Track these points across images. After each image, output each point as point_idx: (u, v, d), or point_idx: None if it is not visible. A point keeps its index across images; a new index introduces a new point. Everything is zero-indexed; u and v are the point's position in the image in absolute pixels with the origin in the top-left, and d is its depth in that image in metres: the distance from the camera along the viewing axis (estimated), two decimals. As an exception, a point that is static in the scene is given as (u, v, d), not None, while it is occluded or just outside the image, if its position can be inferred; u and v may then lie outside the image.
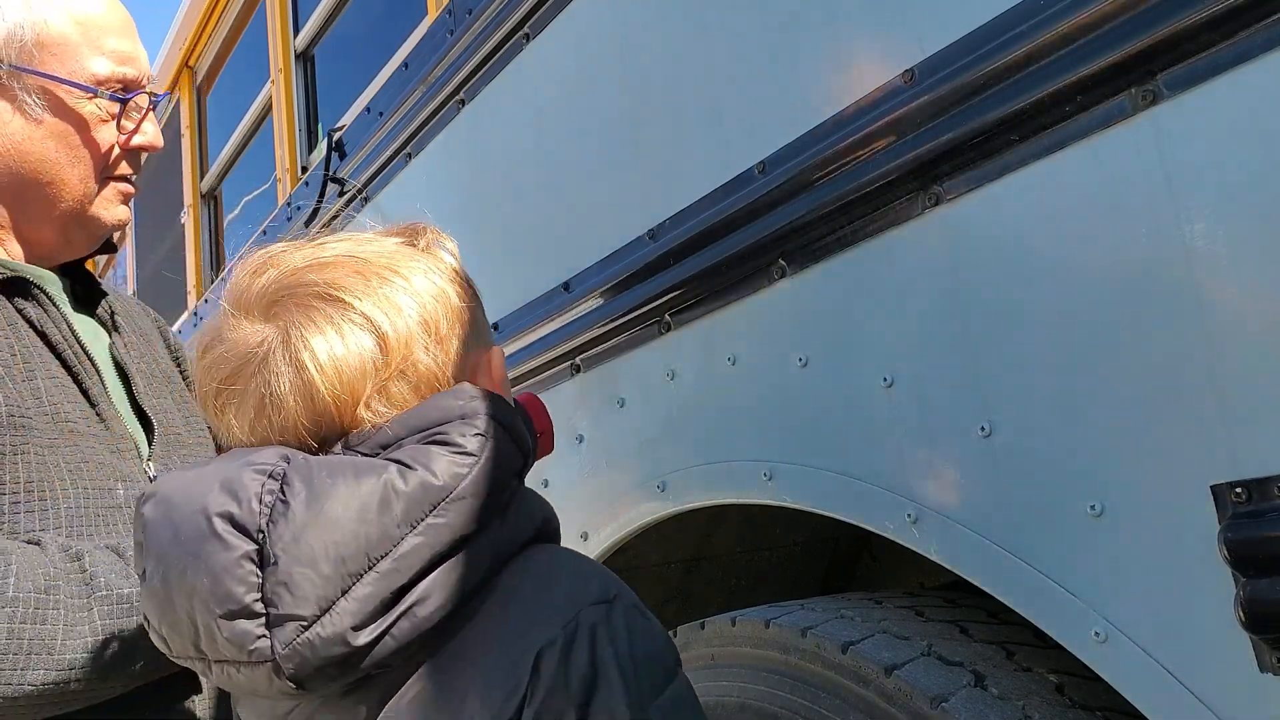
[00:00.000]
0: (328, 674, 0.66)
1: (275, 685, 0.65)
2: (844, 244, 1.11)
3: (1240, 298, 0.77)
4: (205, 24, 3.31)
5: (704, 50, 1.29)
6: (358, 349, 0.71)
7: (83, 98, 1.10)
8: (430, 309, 0.74)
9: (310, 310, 0.72)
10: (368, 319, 0.72)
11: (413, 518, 0.67)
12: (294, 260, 0.75)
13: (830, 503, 1.13)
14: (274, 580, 0.65)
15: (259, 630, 0.64)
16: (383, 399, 0.72)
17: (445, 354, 0.74)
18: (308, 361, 0.70)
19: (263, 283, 0.74)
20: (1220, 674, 0.79)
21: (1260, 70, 0.76)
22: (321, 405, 0.71)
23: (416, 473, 0.67)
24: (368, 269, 0.74)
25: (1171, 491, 0.82)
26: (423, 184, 1.99)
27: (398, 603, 0.66)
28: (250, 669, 0.66)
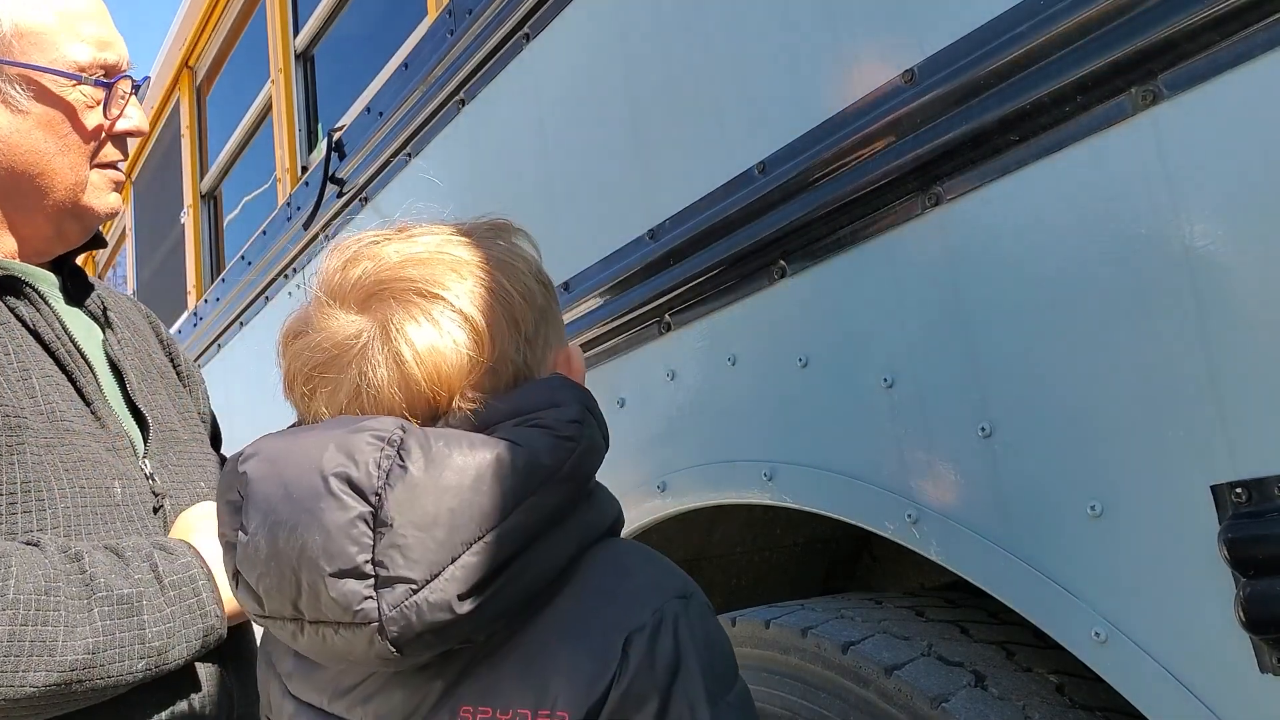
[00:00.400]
0: (426, 640, 0.67)
1: (374, 649, 0.66)
2: (844, 244, 1.11)
3: (1240, 298, 0.77)
4: (205, 24, 3.31)
5: (704, 50, 1.29)
6: (454, 344, 0.73)
7: (67, 85, 1.10)
8: (520, 307, 0.77)
9: (410, 305, 0.74)
10: (464, 316, 0.74)
11: (521, 493, 0.69)
12: (388, 254, 0.77)
13: (830, 503, 1.13)
14: (387, 543, 0.66)
15: (367, 591, 0.65)
16: (475, 392, 0.74)
17: (533, 351, 0.77)
18: (408, 355, 0.72)
19: (358, 274, 0.76)
20: (1220, 674, 0.79)
21: (1260, 70, 0.76)
22: (419, 395, 0.73)
23: (525, 450, 0.70)
24: (462, 267, 0.77)
25: (1171, 491, 0.82)
26: (422, 184, 1.99)
27: (499, 575, 0.68)
28: (350, 631, 0.66)
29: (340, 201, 2.32)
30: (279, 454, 0.70)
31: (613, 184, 1.46)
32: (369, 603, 0.66)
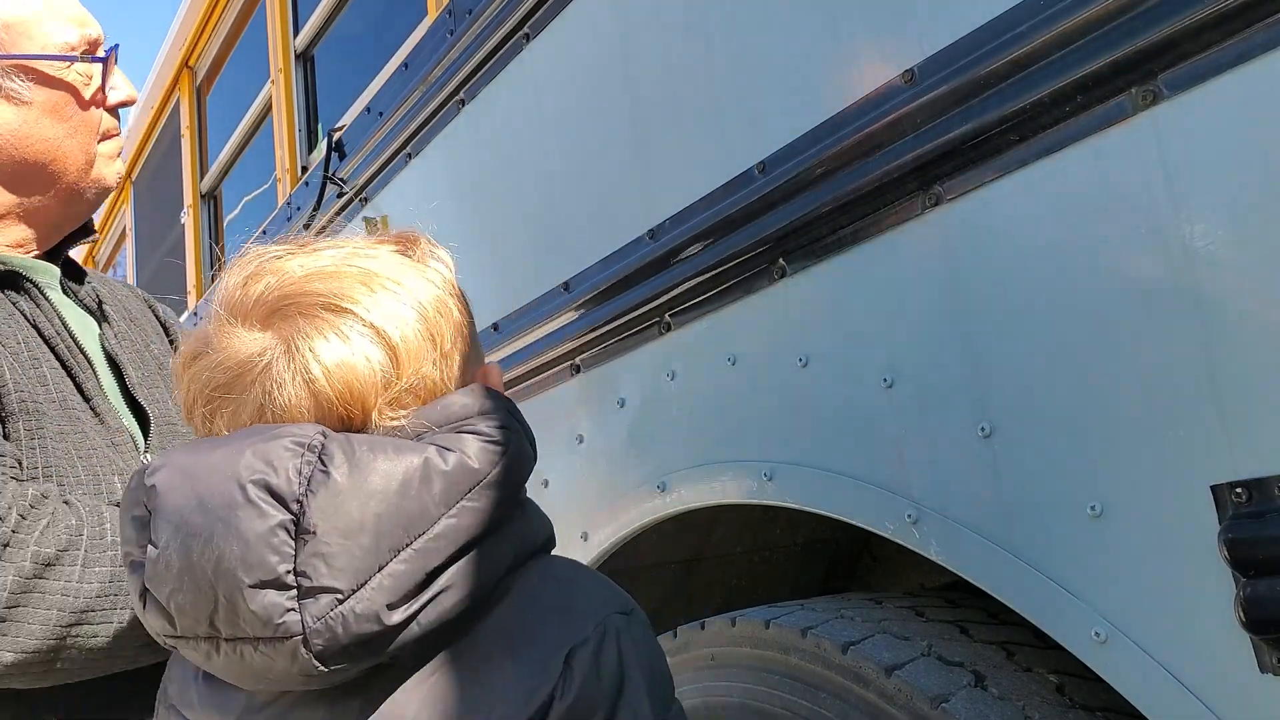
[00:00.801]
0: (352, 654, 0.64)
1: (297, 665, 0.63)
2: (844, 244, 1.11)
3: (1240, 298, 0.77)
4: (205, 24, 3.31)
5: (704, 50, 1.29)
6: (366, 360, 0.69)
7: (62, 67, 1.11)
8: (434, 322, 0.73)
9: (317, 320, 0.70)
10: (376, 331, 0.70)
11: (450, 499, 0.67)
12: (292, 268, 0.73)
13: (830, 503, 1.13)
14: (310, 552, 0.63)
15: (289, 603, 0.62)
16: (389, 411, 0.70)
17: (449, 367, 0.74)
18: (317, 372, 0.69)
19: (260, 290, 0.72)
20: (1220, 674, 0.79)
21: (1260, 70, 0.76)
22: (330, 414, 0.69)
23: (455, 454, 0.68)
24: (372, 280, 0.73)
25: (1171, 491, 0.82)
26: (422, 184, 1.99)
27: (428, 586, 0.66)
28: (271, 646, 0.63)
29: (340, 201, 2.32)
30: (190, 465, 0.66)
31: (613, 184, 1.46)
32: (291, 615, 0.62)
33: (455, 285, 0.79)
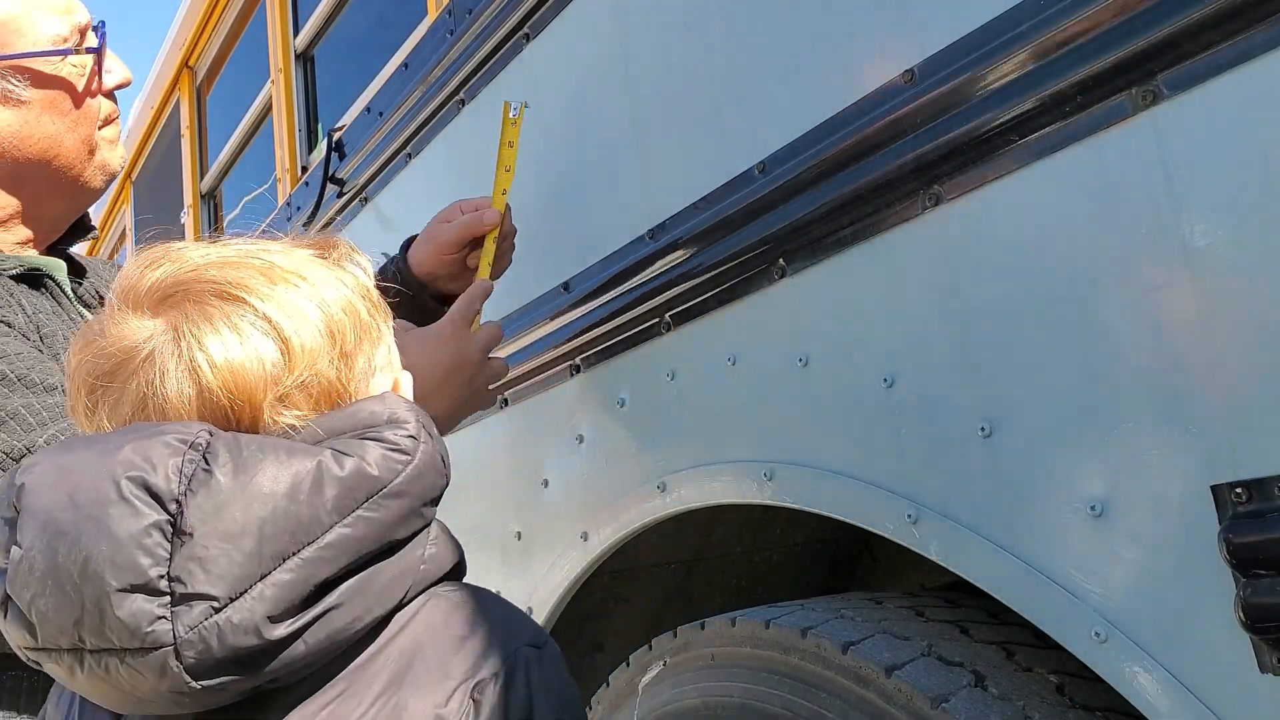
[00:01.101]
0: (228, 669, 0.59)
1: (166, 680, 0.58)
2: (844, 244, 1.11)
3: (1240, 298, 0.77)
4: (205, 24, 3.31)
5: (704, 50, 1.29)
6: (257, 354, 0.66)
7: (57, 62, 1.10)
8: (338, 320, 0.70)
9: (206, 308, 0.67)
10: (269, 321, 0.67)
11: (344, 506, 0.62)
12: (193, 256, 0.70)
13: (830, 503, 1.13)
14: (186, 555, 0.58)
15: (160, 610, 0.57)
16: (280, 409, 0.67)
17: (349, 369, 0.70)
18: (202, 363, 0.65)
19: (156, 276, 0.69)
20: (1220, 674, 0.79)
21: (1260, 70, 0.76)
22: (214, 409, 0.65)
23: (352, 459, 0.64)
24: (274, 271, 0.70)
25: (1171, 491, 0.82)
26: (423, 184, 1.99)
27: (317, 600, 0.61)
28: (138, 659, 0.58)
29: (340, 201, 2.32)
30: (64, 462, 0.62)
31: (613, 184, 1.46)
32: (162, 623, 0.57)
33: (371, 291, 0.77)
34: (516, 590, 1.63)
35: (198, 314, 0.66)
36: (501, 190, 1.43)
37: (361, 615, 0.64)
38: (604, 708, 1.45)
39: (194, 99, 3.62)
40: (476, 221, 1.42)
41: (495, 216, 1.41)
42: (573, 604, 1.62)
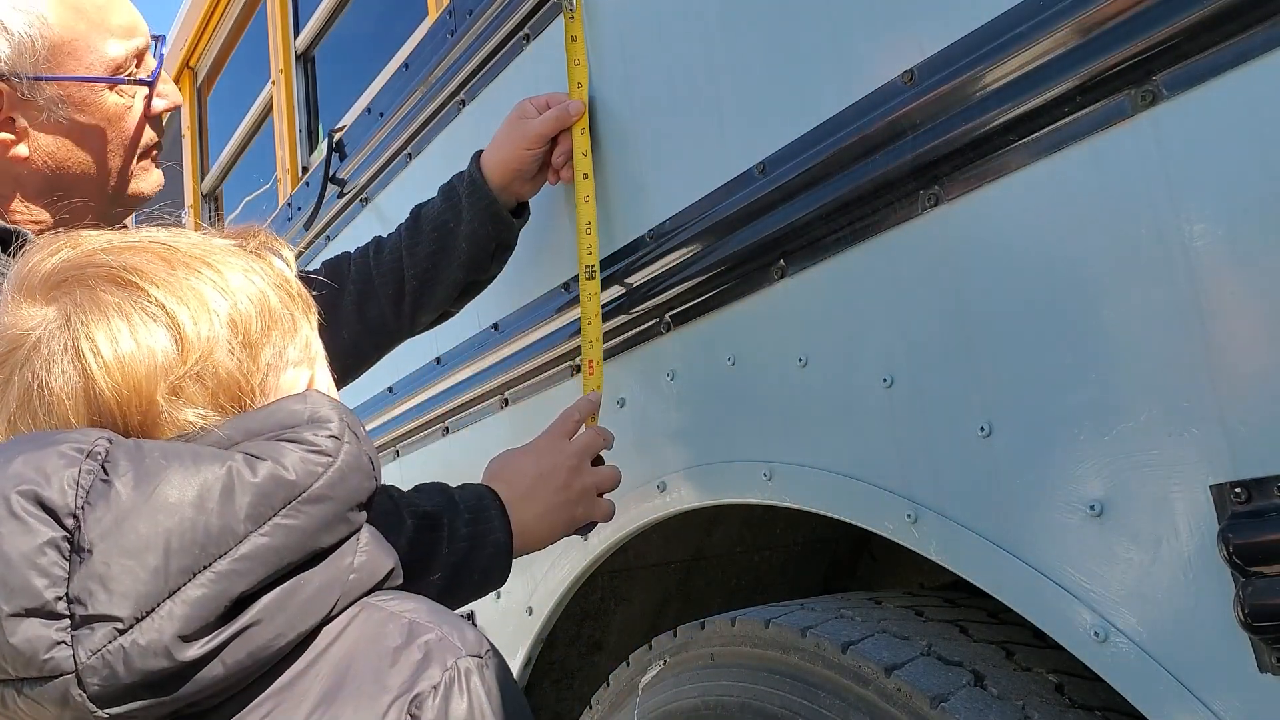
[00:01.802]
0: (137, 695, 0.55)
1: (70, 710, 0.54)
2: (844, 244, 1.11)
3: (1240, 298, 0.77)
4: (205, 24, 3.31)
5: (704, 50, 1.29)
6: (148, 342, 0.62)
7: (105, 90, 1.10)
8: (244, 310, 0.66)
9: (96, 294, 0.63)
10: (164, 309, 0.63)
11: (259, 514, 0.59)
12: (95, 242, 0.67)
13: (830, 503, 1.13)
14: (85, 574, 0.54)
15: (59, 635, 0.53)
16: (174, 402, 0.63)
17: (253, 361, 0.66)
18: (86, 350, 0.61)
19: (52, 263, 0.66)
20: (1220, 674, 0.79)
21: (1260, 70, 0.76)
22: (100, 404, 0.62)
23: (266, 464, 0.60)
24: (175, 256, 0.66)
25: (1171, 491, 0.82)
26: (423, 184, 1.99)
27: (235, 617, 0.58)
28: (36, 689, 0.54)
29: (341, 202, 2.32)
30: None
31: (612, 183, 1.46)
32: (61, 649, 0.53)
33: (290, 282, 0.73)
34: (517, 590, 1.63)
35: (87, 300, 0.63)
36: (577, 83, 1.46)
37: (285, 631, 0.60)
38: (604, 708, 1.45)
39: (194, 99, 3.62)
40: (564, 113, 1.44)
41: (580, 106, 1.45)
42: (573, 604, 1.62)
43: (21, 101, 1.06)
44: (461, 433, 1.92)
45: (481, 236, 1.48)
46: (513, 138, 1.45)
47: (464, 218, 1.47)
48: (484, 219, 1.47)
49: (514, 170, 1.46)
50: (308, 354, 0.72)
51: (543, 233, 1.61)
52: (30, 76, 1.05)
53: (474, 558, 1.10)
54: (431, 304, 1.55)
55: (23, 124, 1.06)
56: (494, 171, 1.47)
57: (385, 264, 1.52)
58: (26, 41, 1.04)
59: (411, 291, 1.52)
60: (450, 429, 1.95)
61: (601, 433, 1.31)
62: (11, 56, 1.04)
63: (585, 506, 1.26)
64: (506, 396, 1.77)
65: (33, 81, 1.05)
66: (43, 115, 1.07)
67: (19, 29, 1.04)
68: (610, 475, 1.30)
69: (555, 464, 1.23)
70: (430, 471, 1.80)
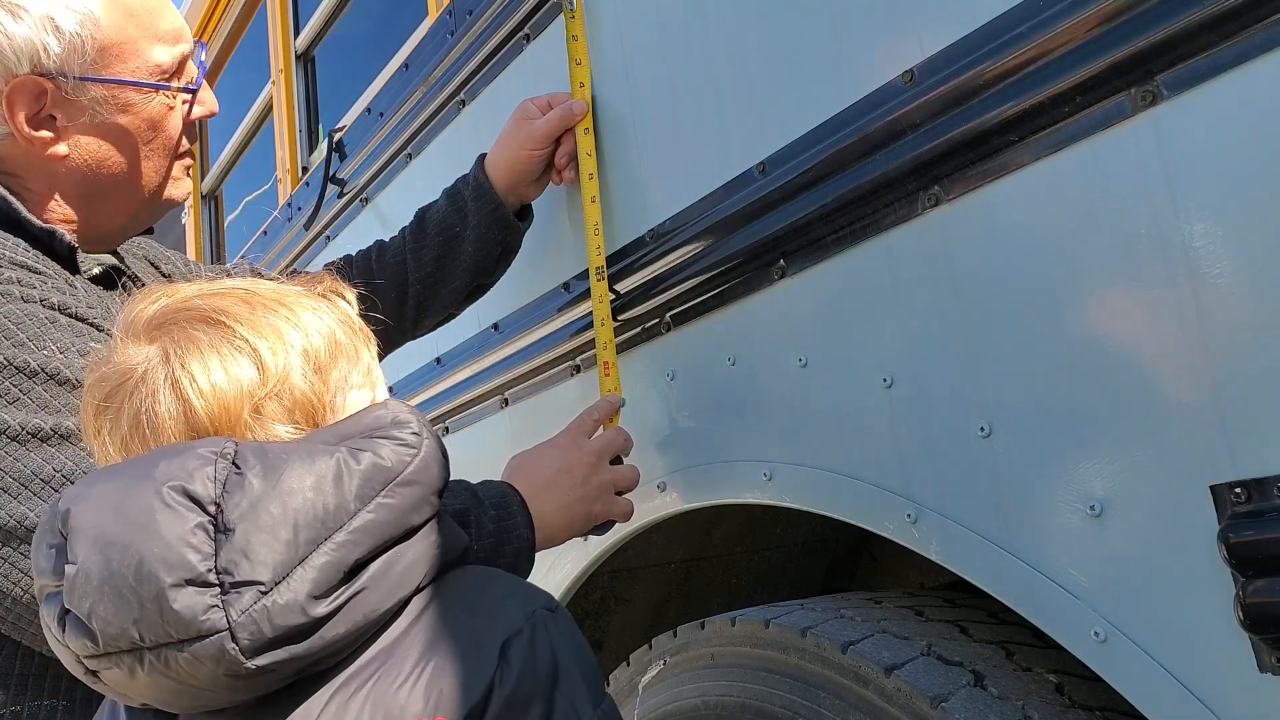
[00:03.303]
0: (277, 646, 0.65)
1: (223, 664, 0.64)
2: (844, 244, 1.11)
3: (1240, 298, 0.77)
4: (206, 25, 3.31)
5: (704, 50, 1.29)
6: (236, 370, 0.74)
7: (150, 94, 1.11)
8: (314, 342, 0.78)
9: (191, 332, 0.75)
10: (246, 342, 0.75)
11: (365, 495, 0.69)
12: (187, 291, 0.79)
13: (830, 503, 1.13)
14: (230, 549, 0.64)
15: (213, 600, 0.63)
16: (258, 419, 0.74)
17: (323, 382, 0.78)
18: (184, 380, 0.73)
19: (153, 310, 0.77)
20: (1220, 674, 0.79)
21: (1260, 70, 0.76)
22: (197, 423, 0.73)
23: (367, 454, 0.70)
24: (255, 299, 0.78)
25: (1171, 491, 0.82)
26: (423, 185, 1.99)
27: (352, 580, 0.68)
28: (197, 647, 0.63)
29: (341, 202, 2.32)
30: (106, 486, 0.68)
31: (612, 184, 1.46)
32: (215, 612, 0.63)
33: (353, 319, 0.84)
34: (517, 590, 1.63)
35: (184, 338, 0.74)
36: (579, 83, 1.45)
37: (388, 595, 0.70)
38: (604, 708, 1.45)
39: (195, 99, 3.61)
40: (567, 113, 1.44)
41: (584, 106, 1.44)
42: (573, 604, 1.62)
43: (65, 100, 1.06)
44: (461, 433, 1.92)
45: (487, 241, 1.48)
46: (517, 139, 1.45)
47: (469, 222, 1.47)
48: (490, 223, 1.47)
49: (519, 172, 1.46)
50: (369, 378, 0.84)
51: (543, 233, 1.61)
52: (78, 76, 1.05)
53: (501, 553, 1.12)
54: (435, 307, 1.55)
55: (64, 123, 1.07)
56: (499, 174, 1.47)
57: (388, 267, 1.53)
58: (77, 41, 1.04)
59: (415, 295, 1.52)
60: (450, 429, 1.95)
61: (622, 433, 1.33)
62: (61, 55, 1.04)
63: (604, 504, 1.28)
64: (506, 396, 1.77)
65: (79, 81, 1.05)
66: (85, 115, 1.07)
67: (70, 28, 1.04)
68: (629, 474, 1.31)
69: (575, 460, 1.25)
70: (430, 471, 1.80)
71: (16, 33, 1.02)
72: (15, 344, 0.95)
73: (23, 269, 1.00)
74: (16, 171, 1.08)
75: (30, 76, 1.03)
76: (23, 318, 0.97)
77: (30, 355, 0.95)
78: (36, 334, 0.96)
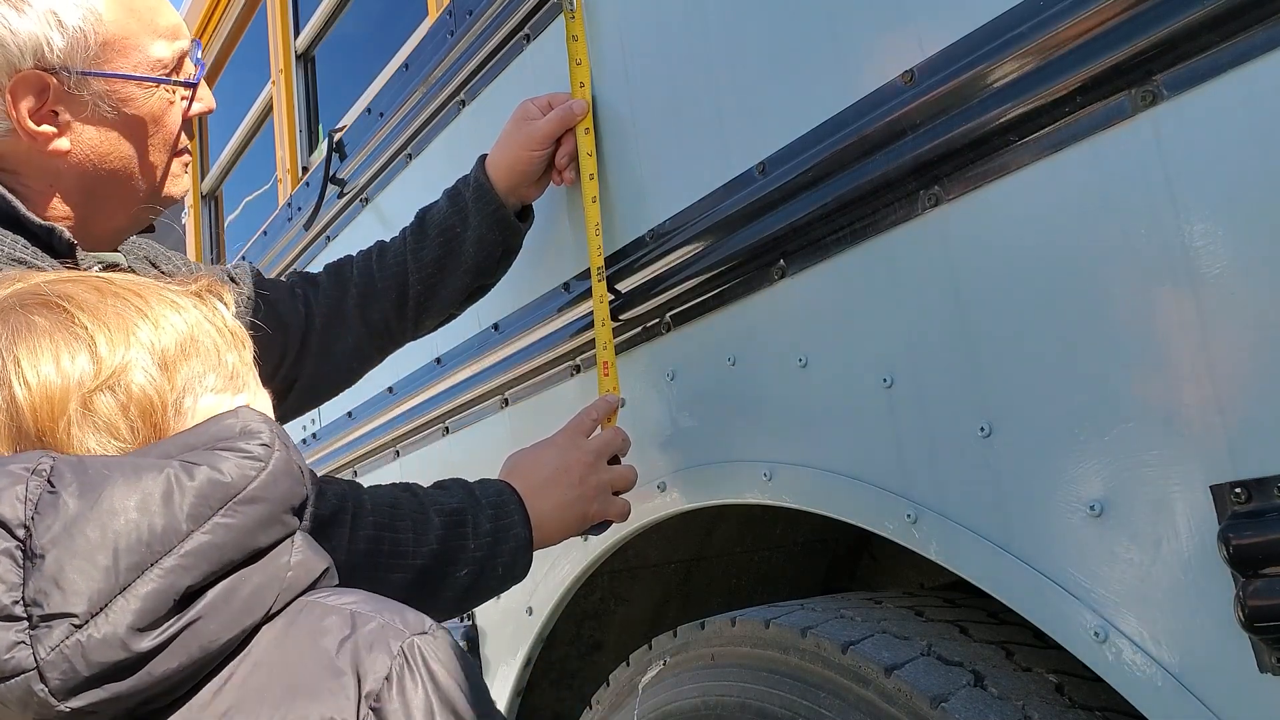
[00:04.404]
0: (94, 686, 0.58)
1: (33, 706, 0.57)
2: (844, 244, 1.11)
3: (1240, 298, 0.77)
4: (206, 25, 3.31)
5: (704, 50, 1.29)
6: (67, 360, 0.67)
7: (151, 88, 1.11)
8: (166, 337, 0.72)
9: (30, 317, 0.69)
10: (86, 330, 0.69)
11: (200, 514, 0.62)
12: (41, 276, 0.74)
13: (830, 503, 1.13)
14: (40, 578, 0.58)
15: (19, 636, 0.57)
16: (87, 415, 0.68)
17: (169, 381, 0.71)
18: (9, 368, 0.67)
19: (4, 294, 0.72)
20: (1220, 674, 0.79)
21: (1260, 70, 0.76)
22: (18, 416, 0.67)
23: (202, 469, 0.64)
24: (108, 288, 0.73)
25: (1171, 491, 0.82)
26: (423, 185, 1.99)
27: (183, 610, 0.61)
28: (2, 689, 0.57)
29: (341, 202, 2.32)
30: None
31: (612, 184, 1.46)
32: (21, 650, 0.56)
33: (225, 321, 0.78)
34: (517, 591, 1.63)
35: (21, 324, 0.69)
36: (579, 83, 1.45)
37: (230, 624, 0.63)
38: (604, 708, 1.45)
39: (195, 99, 3.61)
40: (568, 113, 1.45)
41: (584, 106, 1.44)
42: (573, 604, 1.62)
43: (67, 95, 1.06)
44: (461, 433, 1.92)
45: (488, 242, 1.48)
46: (518, 140, 1.45)
47: (470, 223, 1.47)
48: (490, 224, 1.47)
49: (520, 173, 1.46)
50: (233, 383, 0.77)
51: (543, 233, 1.61)
52: (80, 71, 1.05)
53: (498, 553, 1.12)
54: (436, 308, 1.55)
55: (66, 118, 1.07)
56: (500, 175, 1.47)
57: (389, 268, 1.53)
58: (80, 36, 1.05)
59: (415, 296, 1.52)
60: (450, 429, 1.95)
61: (620, 433, 1.32)
62: (65, 50, 1.04)
63: (601, 504, 1.28)
64: (506, 396, 1.77)
65: (81, 76, 1.06)
66: (87, 110, 1.08)
67: (73, 23, 1.04)
68: (626, 474, 1.31)
69: (572, 460, 1.25)
70: (430, 472, 1.80)
71: (20, 27, 1.02)
72: None
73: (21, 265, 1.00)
74: (17, 169, 1.08)
75: (34, 71, 1.03)
76: None
77: None
78: None
